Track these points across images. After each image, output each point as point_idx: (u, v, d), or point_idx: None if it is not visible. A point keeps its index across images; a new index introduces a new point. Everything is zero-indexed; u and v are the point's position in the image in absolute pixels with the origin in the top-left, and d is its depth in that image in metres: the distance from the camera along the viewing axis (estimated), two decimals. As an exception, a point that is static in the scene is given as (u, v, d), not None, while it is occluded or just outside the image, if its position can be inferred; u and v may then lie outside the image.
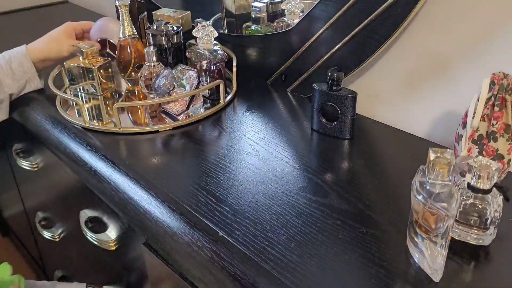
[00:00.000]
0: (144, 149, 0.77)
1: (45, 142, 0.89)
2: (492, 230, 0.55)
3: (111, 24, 1.01)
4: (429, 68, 0.78)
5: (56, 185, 1.03)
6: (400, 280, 0.51)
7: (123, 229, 0.80)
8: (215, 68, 0.89)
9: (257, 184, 0.67)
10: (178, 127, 0.83)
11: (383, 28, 0.76)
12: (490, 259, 0.54)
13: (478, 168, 0.52)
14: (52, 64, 0.97)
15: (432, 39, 0.76)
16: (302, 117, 0.85)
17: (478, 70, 0.72)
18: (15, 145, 1.14)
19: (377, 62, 0.85)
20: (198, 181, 0.68)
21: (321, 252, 0.55)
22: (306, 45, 0.88)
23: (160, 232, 0.64)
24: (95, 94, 0.92)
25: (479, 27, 0.70)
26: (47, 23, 1.44)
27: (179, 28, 0.96)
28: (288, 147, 0.76)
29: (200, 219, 0.61)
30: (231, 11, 1.04)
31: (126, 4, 0.92)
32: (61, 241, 1.13)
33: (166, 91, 0.84)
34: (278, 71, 0.95)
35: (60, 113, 0.87)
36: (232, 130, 0.81)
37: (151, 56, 0.87)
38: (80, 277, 1.16)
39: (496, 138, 0.59)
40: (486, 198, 0.53)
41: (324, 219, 0.60)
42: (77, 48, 0.91)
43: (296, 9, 0.94)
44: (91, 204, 0.88)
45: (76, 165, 0.80)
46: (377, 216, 0.60)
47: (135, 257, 0.79)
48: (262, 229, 0.59)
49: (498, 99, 0.58)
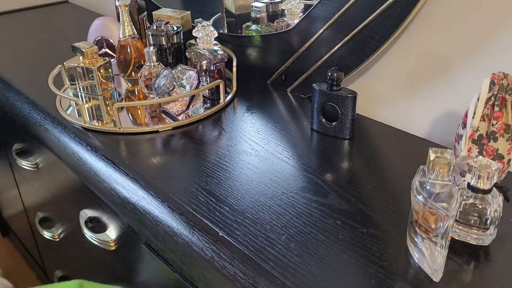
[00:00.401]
0: (144, 149, 0.77)
1: (45, 142, 0.89)
2: (492, 230, 0.55)
3: (109, 23, 1.01)
4: (429, 68, 0.78)
5: (56, 185, 1.03)
6: (400, 280, 0.51)
7: (123, 229, 0.80)
8: (215, 68, 0.89)
9: (257, 184, 0.67)
10: (178, 127, 0.83)
11: (383, 28, 0.76)
12: (490, 259, 0.54)
13: (478, 168, 0.52)
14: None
15: (432, 39, 0.76)
16: (302, 117, 0.85)
17: (478, 70, 0.72)
18: (15, 145, 1.14)
19: (377, 62, 0.85)
20: (198, 181, 0.68)
21: (321, 252, 0.55)
22: (306, 45, 0.88)
23: (160, 232, 0.64)
24: (95, 94, 0.92)
25: (479, 27, 0.70)
26: (47, 23, 1.45)
27: (179, 28, 0.96)
28: (288, 147, 0.76)
29: (200, 219, 0.61)
30: (231, 11, 1.04)
31: (126, 4, 0.92)
32: (61, 241, 1.13)
33: (166, 91, 0.84)
34: (278, 71, 0.95)
35: (60, 113, 0.87)
36: (232, 130, 0.81)
37: (151, 56, 0.87)
38: (80, 277, 1.16)
39: (496, 138, 0.59)
40: (486, 198, 0.53)
41: (324, 219, 0.60)
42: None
43: (296, 9, 0.94)
44: (91, 204, 0.88)
45: (76, 165, 0.80)
46: (377, 216, 0.60)
47: (135, 257, 0.79)
48: (262, 229, 0.59)
49: (498, 99, 0.58)
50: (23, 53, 1.19)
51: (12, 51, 1.20)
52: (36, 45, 1.24)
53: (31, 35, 1.33)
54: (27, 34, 1.34)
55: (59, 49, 1.19)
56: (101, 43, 1.01)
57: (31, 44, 1.25)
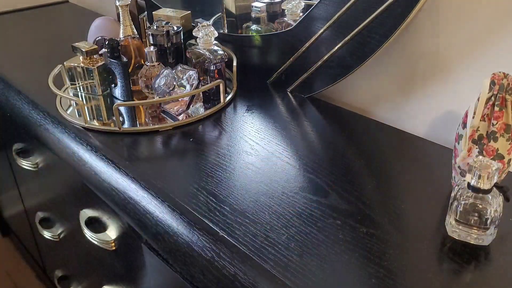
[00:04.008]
0: (144, 149, 0.77)
1: (45, 142, 0.89)
2: (492, 230, 0.55)
3: (109, 23, 1.01)
4: (429, 68, 0.78)
5: (56, 185, 1.03)
6: (400, 280, 0.51)
7: (123, 229, 0.80)
8: (215, 68, 0.89)
9: (257, 184, 0.67)
10: (178, 127, 0.83)
11: (383, 28, 0.76)
12: (490, 259, 0.54)
13: (478, 168, 0.52)
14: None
15: (432, 39, 0.76)
16: (302, 117, 0.85)
17: (478, 70, 0.72)
18: (15, 145, 1.14)
19: (377, 62, 0.85)
20: (198, 181, 0.68)
21: (321, 252, 0.55)
22: (306, 45, 0.88)
23: (160, 232, 0.64)
24: (95, 94, 0.92)
25: (479, 27, 0.70)
26: (47, 23, 1.45)
27: (179, 28, 0.96)
28: (288, 147, 0.76)
29: (200, 219, 0.61)
30: (231, 11, 1.04)
31: (126, 4, 0.92)
32: (61, 241, 1.13)
33: (166, 91, 0.84)
34: (278, 71, 0.95)
35: (60, 113, 0.87)
36: (232, 130, 0.81)
37: (151, 56, 0.87)
38: (80, 277, 1.16)
39: (496, 138, 0.59)
40: (486, 198, 0.53)
41: (324, 219, 0.60)
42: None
43: (296, 9, 0.94)
44: (91, 204, 0.88)
45: (76, 165, 0.80)
46: (377, 216, 0.60)
47: (135, 257, 0.79)
48: (262, 229, 0.59)
49: (498, 99, 0.58)
50: (23, 53, 1.19)
51: (12, 51, 1.20)
52: (36, 45, 1.24)
53: (31, 35, 1.33)
54: (27, 34, 1.34)
55: (59, 49, 1.19)
56: (101, 43, 1.01)
57: (31, 44, 1.25)
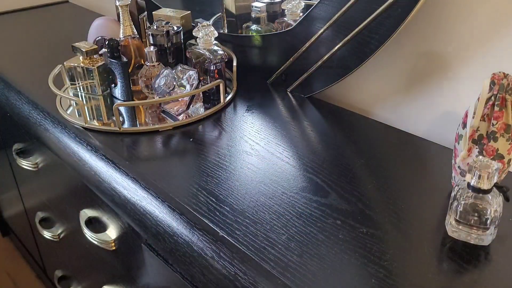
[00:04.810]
0: (144, 149, 0.77)
1: (45, 142, 0.89)
2: (492, 230, 0.55)
3: (109, 23, 1.01)
4: (429, 68, 0.78)
5: (56, 185, 1.03)
6: (400, 280, 0.51)
7: (123, 229, 0.80)
8: (215, 68, 0.89)
9: (257, 184, 0.67)
10: (178, 127, 0.83)
11: (383, 28, 0.76)
12: (490, 259, 0.54)
13: (478, 168, 0.52)
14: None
15: (432, 39, 0.76)
16: (302, 117, 0.85)
17: (478, 70, 0.72)
18: (15, 145, 1.14)
19: (377, 62, 0.85)
20: (198, 181, 0.68)
21: (321, 252, 0.55)
22: (307, 45, 0.88)
23: (160, 232, 0.64)
24: (95, 94, 0.92)
25: (479, 27, 0.70)
26: (47, 23, 1.45)
27: (179, 28, 0.96)
28: (288, 147, 0.76)
29: (200, 219, 0.61)
30: (231, 11, 1.04)
31: (126, 4, 0.92)
32: (61, 241, 1.13)
33: (166, 91, 0.84)
34: (278, 71, 0.95)
35: (60, 113, 0.87)
36: (232, 130, 0.81)
37: (151, 56, 0.87)
38: (80, 277, 1.16)
39: (496, 138, 0.59)
40: (486, 198, 0.53)
41: (324, 219, 0.60)
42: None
43: (296, 9, 0.94)
44: (91, 204, 0.88)
45: (76, 165, 0.80)
46: (377, 216, 0.60)
47: (135, 257, 0.79)
48: (262, 228, 0.59)
49: (498, 99, 0.58)
50: (23, 53, 1.19)
51: (12, 51, 1.20)
52: (36, 45, 1.24)
53: (31, 35, 1.33)
54: (27, 34, 1.34)
55: (59, 49, 1.19)
56: (101, 43, 1.01)
57: (31, 44, 1.25)
